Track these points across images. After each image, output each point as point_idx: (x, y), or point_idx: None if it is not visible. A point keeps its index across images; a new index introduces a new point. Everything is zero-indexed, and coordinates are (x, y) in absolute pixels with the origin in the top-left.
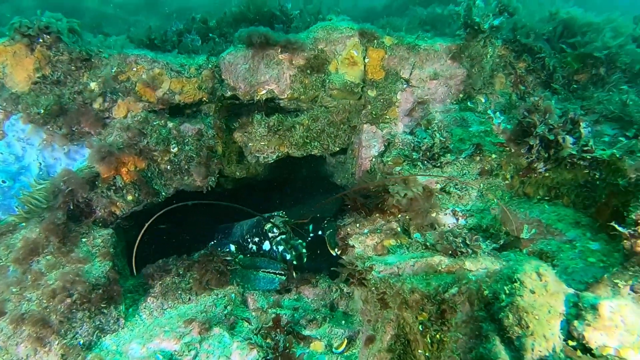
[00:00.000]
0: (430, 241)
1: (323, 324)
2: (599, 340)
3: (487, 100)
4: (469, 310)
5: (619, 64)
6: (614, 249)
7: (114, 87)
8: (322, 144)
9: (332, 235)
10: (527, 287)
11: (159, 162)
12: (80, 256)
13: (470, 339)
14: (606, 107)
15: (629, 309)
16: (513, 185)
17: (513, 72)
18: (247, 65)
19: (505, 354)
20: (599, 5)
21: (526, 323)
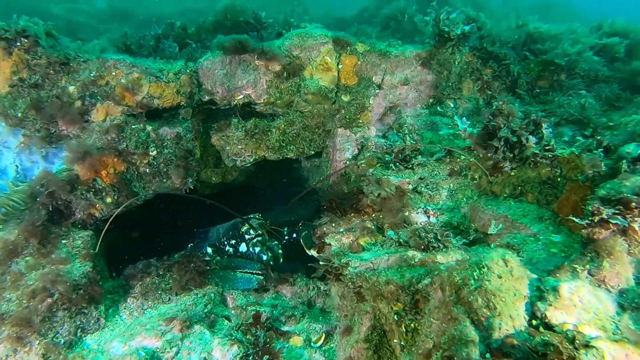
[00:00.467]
0: (404, 238)
1: (301, 320)
2: (560, 318)
3: (455, 104)
4: (441, 297)
5: (578, 70)
6: (574, 240)
7: (92, 91)
8: (297, 148)
9: (307, 237)
10: (495, 272)
11: (138, 165)
12: (60, 257)
13: (443, 323)
14: (566, 110)
15: (585, 289)
16: (481, 184)
17: (480, 77)
18: (225, 71)
19: (475, 333)
20: (561, 15)
21: (494, 305)
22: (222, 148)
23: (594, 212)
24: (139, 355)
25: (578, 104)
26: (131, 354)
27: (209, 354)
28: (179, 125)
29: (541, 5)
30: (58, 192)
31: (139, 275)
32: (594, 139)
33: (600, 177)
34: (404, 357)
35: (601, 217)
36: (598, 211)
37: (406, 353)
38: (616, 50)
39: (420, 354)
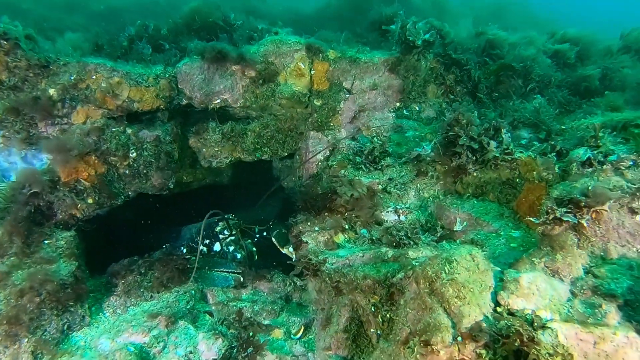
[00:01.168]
0: (376, 236)
1: (280, 314)
2: (520, 304)
3: (420, 108)
4: (416, 289)
5: (533, 76)
6: (532, 236)
7: (73, 94)
8: (271, 149)
9: (280, 235)
10: (463, 266)
11: (118, 167)
12: (45, 257)
13: (418, 312)
14: (522, 114)
15: (541, 279)
16: (445, 184)
17: (443, 82)
18: (203, 76)
19: (448, 320)
20: (517, 13)
21: (463, 295)
22: (199, 150)
23: (548, 211)
24: (128, 350)
25: (533, 108)
26: (120, 350)
27: (194, 348)
28: (159, 128)
29: (497, 5)
30: (42, 192)
31: (122, 272)
32: (548, 143)
33: (554, 178)
34: (382, 344)
35: (554, 216)
36: (552, 210)
37: (384, 340)
38: (568, 56)
39: (398, 341)
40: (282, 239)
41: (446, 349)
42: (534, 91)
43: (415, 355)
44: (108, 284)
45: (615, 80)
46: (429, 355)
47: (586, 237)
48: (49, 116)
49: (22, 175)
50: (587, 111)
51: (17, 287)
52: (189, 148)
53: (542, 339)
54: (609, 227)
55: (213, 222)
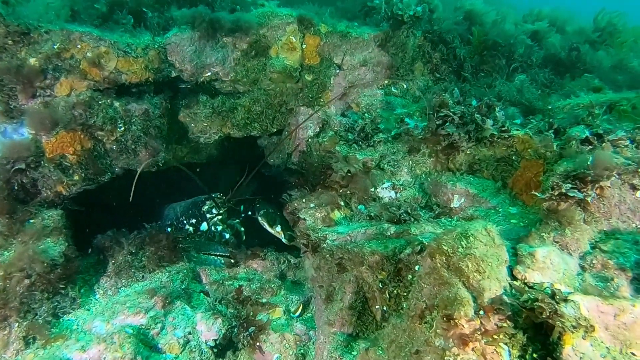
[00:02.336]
0: (374, 212)
1: (278, 292)
2: (536, 278)
3: (408, 86)
4: (431, 264)
5: (516, 56)
6: (529, 212)
7: (56, 64)
8: (261, 125)
9: (268, 214)
10: (481, 241)
11: (105, 142)
12: (32, 236)
13: (434, 287)
14: (509, 93)
15: (554, 253)
16: (438, 161)
17: (430, 61)
18: (194, 47)
19: (468, 294)
20: None
21: (483, 269)
22: (187, 125)
23: (554, 186)
24: (127, 332)
25: (515, 87)
26: (119, 332)
27: (193, 328)
28: (147, 102)
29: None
30: (26, 169)
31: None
32: (545, 121)
33: (552, 155)
34: (393, 320)
35: (560, 192)
36: (557, 186)
37: (395, 316)
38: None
39: (413, 316)
40: (270, 218)
41: (469, 323)
42: (517, 71)
43: (435, 330)
44: (97, 263)
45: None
46: (451, 330)
47: (591, 213)
48: (30, 87)
49: (5, 150)
50: (569, 92)
51: (5, 269)
52: (177, 123)
53: (565, 311)
54: (611, 203)
55: (200, 201)
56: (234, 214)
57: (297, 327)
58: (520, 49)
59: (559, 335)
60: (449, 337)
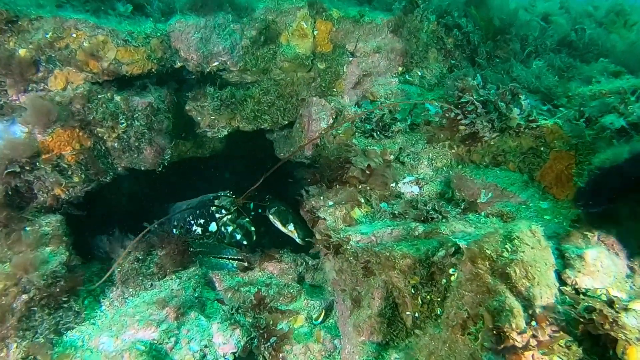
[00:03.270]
0: (398, 210)
1: (298, 298)
2: (587, 283)
3: (422, 73)
4: (472, 269)
5: (530, 40)
6: (561, 207)
7: (49, 55)
8: (272, 118)
9: (280, 212)
10: (527, 243)
11: (106, 140)
12: (29, 246)
13: (477, 295)
14: (526, 79)
15: (604, 255)
16: (459, 153)
17: (443, 47)
18: (200, 35)
19: (518, 303)
20: None
21: (532, 275)
22: (194, 119)
23: None
24: (138, 348)
25: (533, 74)
26: (129, 349)
27: (209, 341)
28: (151, 95)
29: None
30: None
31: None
32: (575, 110)
33: (584, 146)
34: (430, 329)
35: None
36: None
37: (431, 324)
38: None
39: (454, 325)
40: (282, 216)
41: (521, 335)
42: (532, 56)
43: (482, 343)
44: (101, 271)
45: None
46: (501, 343)
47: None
48: (21, 81)
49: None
50: (588, 77)
51: (1, 284)
52: (182, 117)
53: (627, 322)
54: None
55: (208, 200)
56: (243, 212)
57: (321, 336)
58: (534, 32)
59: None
60: (500, 352)
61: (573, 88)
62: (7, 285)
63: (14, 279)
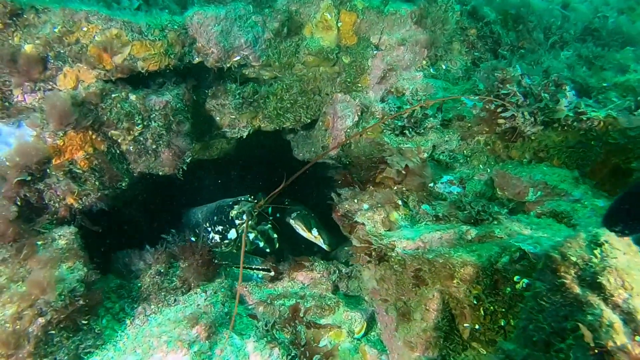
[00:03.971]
0: (442, 212)
1: (337, 310)
2: None
3: (447, 67)
4: (554, 278)
5: (553, 30)
6: None
7: (58, 51)
8: (295, 116)
9: (303, 217)
10: (619, 248)
11: (121, 143)
12: (44, 263)
13: (563, 307)
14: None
15: None
16: (495, 150)
17: (466, 38)
18: (220, 27)
19: (616, 316)
20: None
21: (629, 284)
22: (213, 118)
23: None
24: None
25: (564, 64)
26: None
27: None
28: (168, 93)
29: None
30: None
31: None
32: (630, 100)
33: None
34: (504, 345)
35: None
36: None
37: (497, 338)
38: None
39: (536, 342)
40: (305, 221)
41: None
42: (556, 46)
43: None
44: (119, 288)
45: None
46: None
47: None
48: (27, 80)
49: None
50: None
51: (14, 306)
52: (200, 117)
53: None
54: None
55: (226, 205)
56: (262, 218)
57: (366, 351)
58: (557, 21)
59: None
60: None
61: (608, 78)
62: (22, 307)
63: (29, 300)
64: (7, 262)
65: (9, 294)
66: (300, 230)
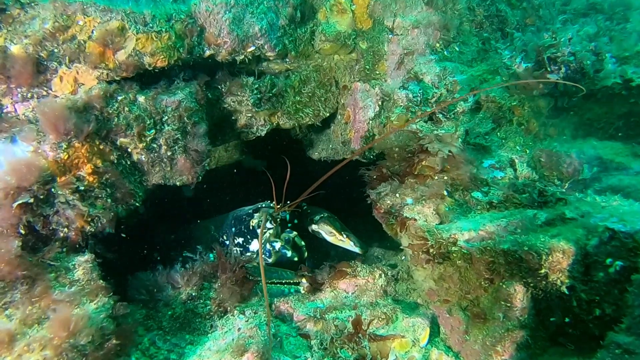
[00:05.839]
0: (497, 198)
1: (395, 318)
2: None
3: (460, 48)
4: None
5: (558, 5)
6: None
7: (51, 50)
8: (313, 110)
9: (330, 219)
10: None
11: (132, 152)
12: (64, 299)
13: None
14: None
15: None
16: (530, 129)
17: (474, 18)
18: (232, 14)
19: None
20: None
21: None
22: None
23: None
24: None
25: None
26: None
27: None
28: (180, 92)
29: None
30: (34, 202)
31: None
32: None
33: None
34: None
35: None
36: None
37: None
38: None
39: None
40: (333, 223)
41: None
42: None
43: None
44: (147, 318)
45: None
46: None
47: None
48: (18, 86)
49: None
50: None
51: (35, 355)
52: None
53: None
54: None
55: (245, 214)
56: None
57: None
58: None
59: None
60: None
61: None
62: (46, 356)
63: (53, 346)
64: (17, 304)
65: (25, 341)
66: (326, 235)
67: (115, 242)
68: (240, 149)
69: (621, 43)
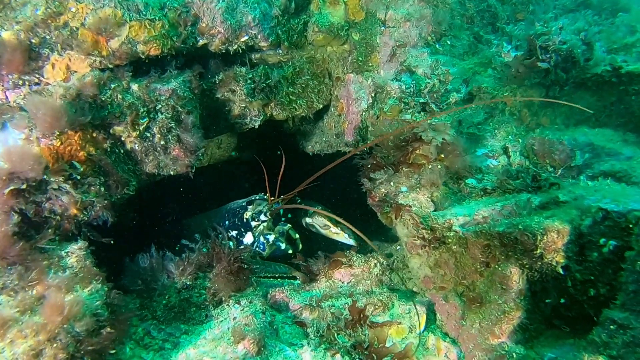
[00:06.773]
0: (490, 185)
1: (391, 305)
2: None
3: (452, 42)
4: None
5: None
6: None
7: (43, 37)
8: (307, 101)
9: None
10: None
11: (125, 140)
12: (57, 286)
13: None
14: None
15: None
16: (522, 118)
17: (465, 12)
18: (225, 4)
19: None
20: None
21: None
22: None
23: None
24: None
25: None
26: None
27: None
28: (173, 80)
29: None
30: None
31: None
32: None
33: None
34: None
35: None
36: None
37: None
38: None
39: None
40: (327, 216)
41: None
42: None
43: None
44: (141, 307)
45: None
46: None
47: None
48: (9, 74)
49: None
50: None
51: (29, 341)
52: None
53: None
54: None
55: (239, 207)
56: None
57: (438, 346)
58: None
59: None
60: None
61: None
62: (39, 342)
63: (48, 331)
64: (11, 289)
65: (18, 327)
66: (320, 228)
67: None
68: (234, 146)
69: (610, 36)
